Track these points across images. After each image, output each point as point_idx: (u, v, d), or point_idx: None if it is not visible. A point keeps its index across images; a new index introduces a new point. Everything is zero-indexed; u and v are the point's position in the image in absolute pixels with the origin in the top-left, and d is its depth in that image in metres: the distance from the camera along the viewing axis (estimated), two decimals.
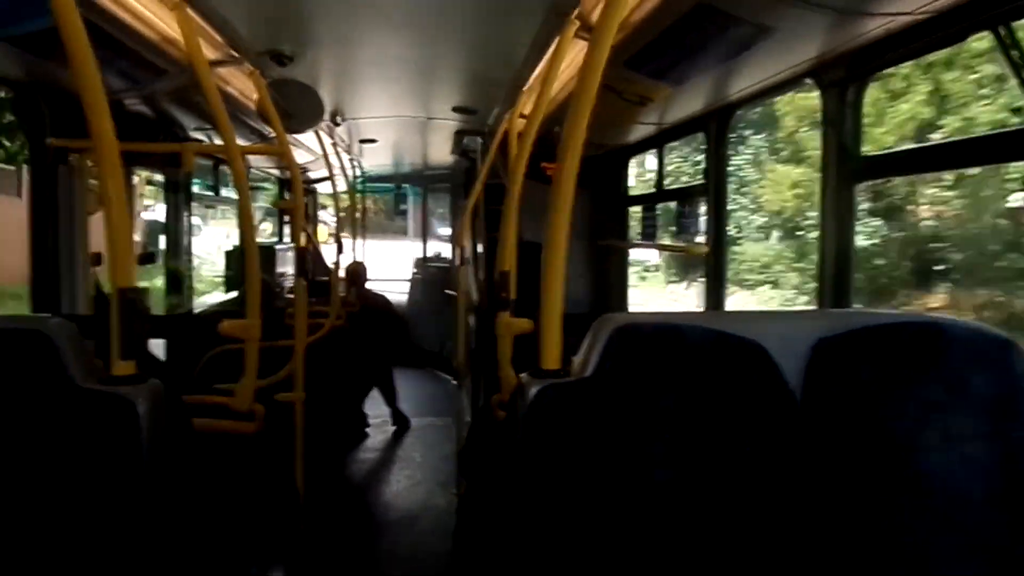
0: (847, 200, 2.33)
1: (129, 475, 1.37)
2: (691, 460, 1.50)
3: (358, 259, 6.76)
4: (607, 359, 1.53)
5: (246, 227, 2.47)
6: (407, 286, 9.52)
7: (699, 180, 3.55)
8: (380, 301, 6.38)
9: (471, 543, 2.62)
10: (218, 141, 4.25)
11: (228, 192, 5.84)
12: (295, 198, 3.38)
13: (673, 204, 4.17)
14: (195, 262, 6.10)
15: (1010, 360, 1.63)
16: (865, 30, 2.07)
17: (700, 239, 3.66)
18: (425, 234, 9.36)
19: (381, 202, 13.81)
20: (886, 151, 2.49)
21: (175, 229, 4.68)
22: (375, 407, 6.33)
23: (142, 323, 1.52)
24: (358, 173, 7.72)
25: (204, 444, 2.19)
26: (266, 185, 8.31)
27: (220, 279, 6.72)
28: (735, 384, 1.54)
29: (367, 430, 6.13)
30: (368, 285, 6.43)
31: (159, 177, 4.92)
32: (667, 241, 5.12)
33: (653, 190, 4.47)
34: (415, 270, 9.61)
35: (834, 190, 2.33)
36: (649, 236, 4.77)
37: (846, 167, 2.30)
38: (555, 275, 1.57)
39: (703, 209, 3.54)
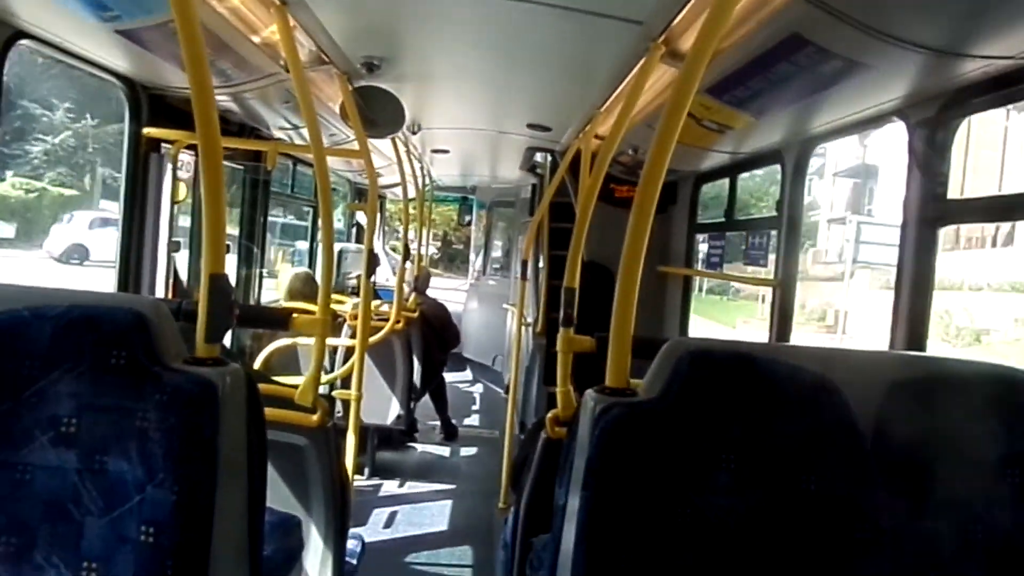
0: (928, 243, 2.27)
1: (205, 456, 1.43)
2: (755, 491, 1.48)
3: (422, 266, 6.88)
4: (675, 382, 1.53)
5: (326, 227, 2.54)
6: (463, 296, 9.62)
7: (771, 213, 3.49)
8: (438, 309, 6.46)
9: (516, 557, 2.62)
10: (298, 141, 4.39)
11: (299, 192, 6.03)
12: (370, 201, 3.46)
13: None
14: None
15: None
16: (961, 72, 2.03)
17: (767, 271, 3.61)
18: (488, 247, 9.44)
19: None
20: (973, 196, 2.42)
21: (252, 222, 4.83)
22: (425, 414, 6.41)
23: (229, 309, 1.59)
24: (427, 182, 7.84)
25: (270, 436, 2.26)
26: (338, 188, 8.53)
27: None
28: (805, 419, 1.52)
29: (415, 435, 6.20)
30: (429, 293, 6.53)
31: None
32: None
33: (723, 219, 4.43)
34: (473, 281, 9.70)
35: (915, 231, 2.28)
36: (714, 265, 4.72)
37: (930, 209, 2.25)
38: (628, 295, 1.58)
39: (772, 242, 3.50)
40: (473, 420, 7.37)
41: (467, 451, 6.14)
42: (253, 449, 1.64)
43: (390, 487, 5.06)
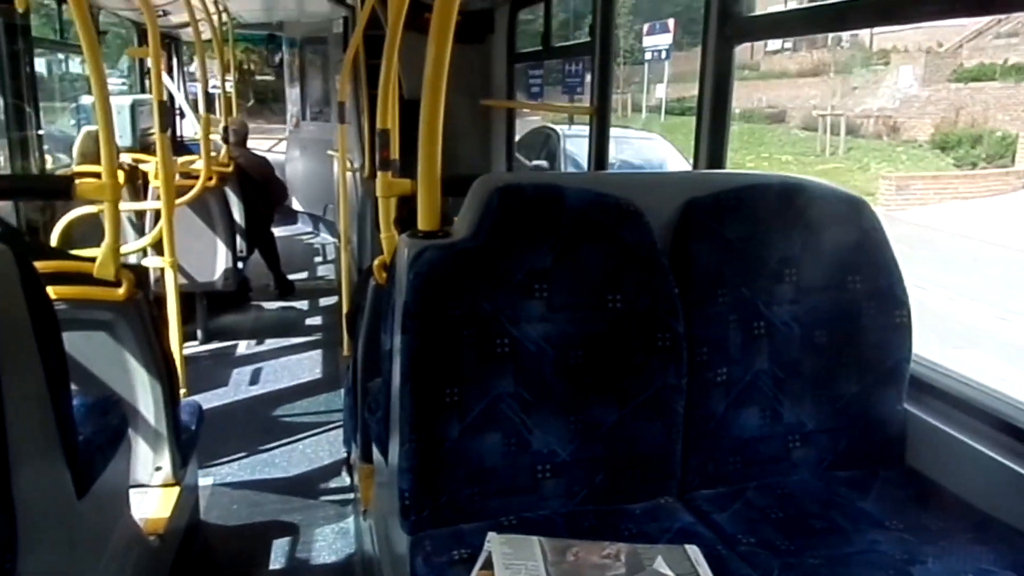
0: (726, 61, 2.35)
1: None
2: (567, 315, 1.56)
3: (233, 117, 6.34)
4: (487, 218, 1.53)
5: (95, 76, 2.23)
6: (283, 146, 9.09)
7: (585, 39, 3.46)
8: (258, 163, 6.07)
9: (358, 404, 2.67)
10: None
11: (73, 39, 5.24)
12: (152, 44, 3.07)
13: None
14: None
15: (859, 217, 1.76)
16: None
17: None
18: (304, 90, 8.82)
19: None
20: (769, 11, 2.50)
21: (16, 76, 4.18)
22: (260, 272, 6.19)
23: None
24: (224, 20, 7.07)
25: (69, 316, 2.08)
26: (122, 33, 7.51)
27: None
28: (611, 244, 1.59)
29: (249, 294, 6.00)
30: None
31: None
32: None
33: (540, 47, 4.35)
34: (292, 128, 9.14)
35: (714, 49, 2.34)
36: (535, 96, 4.70)
37: (727, 27, 2.31)
38: (432, 133, 1.52)
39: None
40: (310, 272, 7.22)
41: (307, 304, 6.04)
42: (41, 332, 1.50)
43: (227, 350, 4.93)
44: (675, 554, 1.37)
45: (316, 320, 5.66)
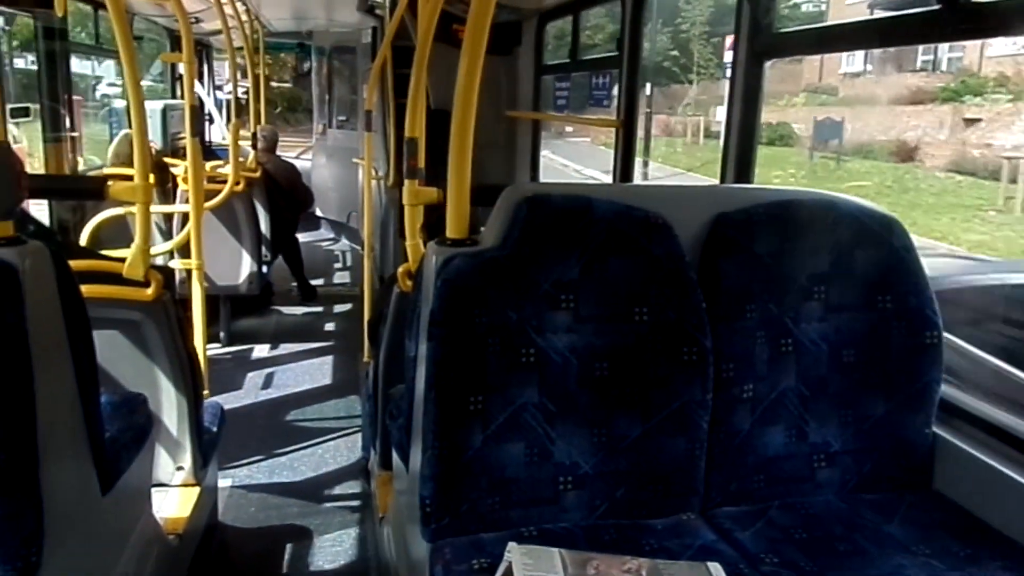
0: (756, 76, 2.34)
1: (12, 342, 1.31)
2: (593, 327, 1.56)
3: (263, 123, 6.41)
4: (515, 228, 1.54)
5: (131, 80, 2.27)
6: (309, 153, 9.17)
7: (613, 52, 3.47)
8: (285, 168, 6.13)
9: (378, 410, 2.68)
10: None
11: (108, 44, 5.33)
12: (186, 50, 3.12)
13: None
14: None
15: (890, 236, 1.74)
16: None
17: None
18: (331, 98, 8.91)
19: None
20: (799, 28, 2.49)
21: (53, 79, 4.26)
22: (283, 277, 6.24)
23: (16, 180, 1.41)
24: (256, 27, 7.17)
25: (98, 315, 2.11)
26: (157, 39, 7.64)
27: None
28: (638, 256, 1.59)
29: (272, 298, 6.05)
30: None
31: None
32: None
33: (568, 60, 4.36)
34: (319, 136, 9.23)
35: (744, 66, 2.33)
36: (561, 108, 4.71)
37: (757, 42, 2.30)
38: (463, 142, 1.53)
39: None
40: (333, 279, 7.26)
41: (328, 310, 6.08)
42: (74, 330, 1.53)
43: (250, 353, 4.97)
44: (697, 571, 1.36)
45: (337, 326, 5.69)
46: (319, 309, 6.06)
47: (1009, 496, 1.57)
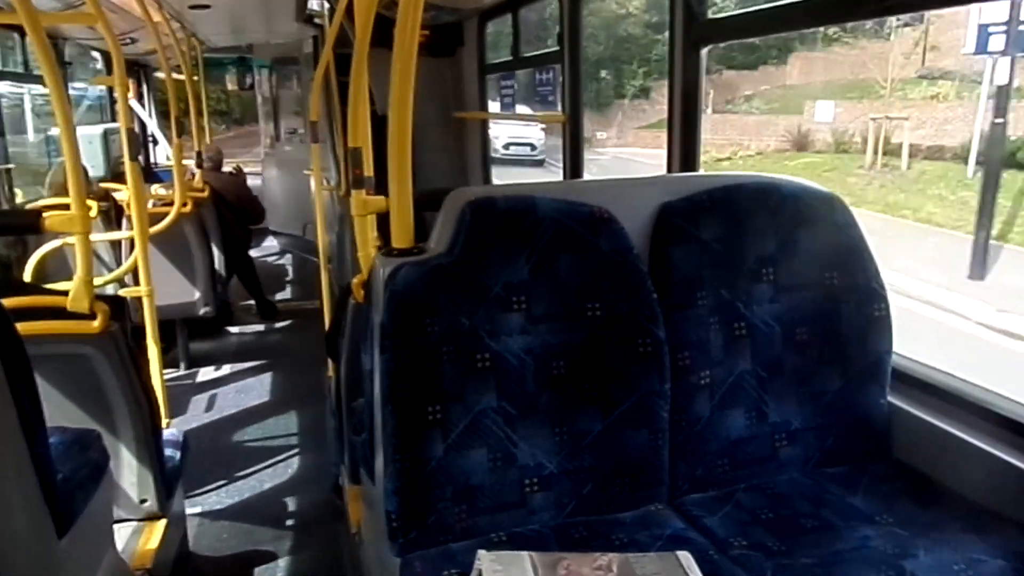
0: (694, 65, 2.36)
1: None
2: (547, 326, 1.55)
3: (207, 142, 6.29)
4: (460, 233, 1.53)
5: (58, 107, 2.20)
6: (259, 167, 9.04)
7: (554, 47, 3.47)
8: (233, 184, 6.02)
9: (343, 424, 2.64)
10: None
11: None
12: (117, 73, 3.04)
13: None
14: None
15: (832, 214, 1.76)
16: None
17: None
18: (276, 111, 8.79)
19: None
20: (733, 13, 2.52)
21: None
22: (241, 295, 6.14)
23: None
24: (194, 44, 7.03)
25: (44, 351, 2.04)
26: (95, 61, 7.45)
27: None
28: (587, 252, 1.59)
29: (231, 318, 5.95)
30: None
31: None
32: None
33: (510, 58, 4.36)
34: (268, 150, 9.10)
35: (681, 54, 2.35)
36: (507, 106, 4.70)
37: (692, 30, 2.32)
38: (402, 149, 1.51)
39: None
40: (290, 293, 7.17)
41: (289, 325, 5.99)
42: (12, 371, 1.47)
43: (211, 375, 4.87)
44: (667, 562, 1.36)
45: (299, 340, 5.62)
46: (279, 325, 5.98)
47: (964, 459, 1.61)
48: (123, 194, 4.45)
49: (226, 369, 4.95)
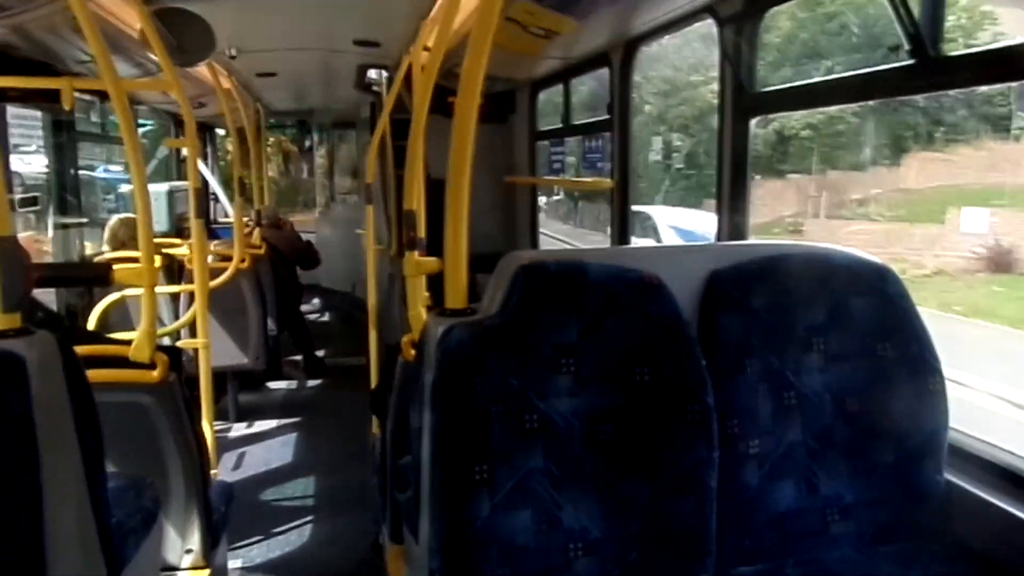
0: (742, 133, 2.40)
1: (19, 433, 1.32)
2: (595, 390, 1.56)
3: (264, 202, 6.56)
4: (512, 296, 1.56)
5: (134, 166, 2.34)
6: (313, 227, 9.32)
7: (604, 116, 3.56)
8: (288, 236, 6.23)
9: (387, 482, 2.66)
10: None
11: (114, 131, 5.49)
12: (188, 135, 3.22)
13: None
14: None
15: (884, 284, 1.75)
16: None
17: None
18: (332, 172, 9.10)
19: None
20: (780, 87, 2.57)
21: (61, 169, 4.38)
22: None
23: (22, 272, 1.44)
24: (258, 109, 7.38)
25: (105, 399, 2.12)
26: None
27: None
28: (635, 316, 1.60)
29: (281, 372, 6.05)
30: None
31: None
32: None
33: (560, 125, 4.48)
34: (322, 209, 9.39)
35: (730, 124, 2.39)
36: (556, 172, 4.80)
37: (742, 101, 2.37)
38: (458, 212, 1.57)
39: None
40: (337, 348, 7.28)
41: (336, 381, 6.07)
42: (81, 417, 1.54)
43: (258, 428, 4.95)
44: None
45: (345, 397, 5.68)
46: (327, 381, 6.06)
47: None
48: (183, 248, 4.64)
49: (272, 423, 5.03)
